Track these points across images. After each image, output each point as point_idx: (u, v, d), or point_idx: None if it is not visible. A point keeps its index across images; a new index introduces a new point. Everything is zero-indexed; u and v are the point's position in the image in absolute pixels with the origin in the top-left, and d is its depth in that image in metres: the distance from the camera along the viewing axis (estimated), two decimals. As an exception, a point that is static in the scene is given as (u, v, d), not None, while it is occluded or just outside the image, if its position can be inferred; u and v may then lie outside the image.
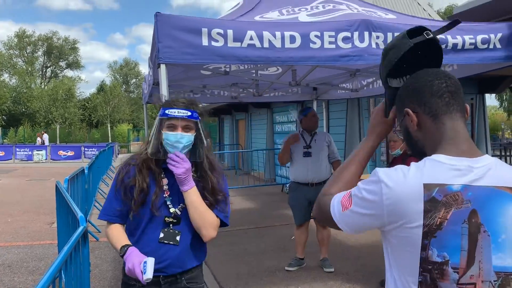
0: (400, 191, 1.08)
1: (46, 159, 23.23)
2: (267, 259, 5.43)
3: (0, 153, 22.82)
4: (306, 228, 5.00)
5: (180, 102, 1.99)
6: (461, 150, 1.13)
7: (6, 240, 6.57)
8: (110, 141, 35.60)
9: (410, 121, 1.20)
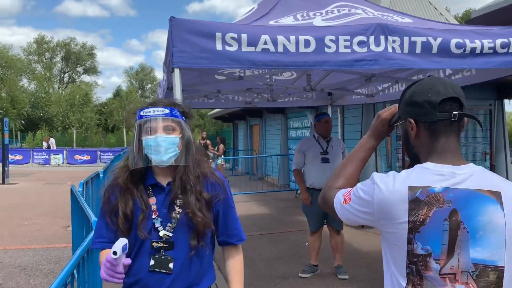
0: (389, 192, 1.24)
1: (63, 163, 23.54)
2: (280, 265, 5.39)
3: (18, 157, 23.15)
4: (320, 235, 4.94)
5: (159, 102, 1.75)
6: (449, 161, 1.27)
7: (23, 243, 6.64)
8: (125, 145, 35.97)
9: (410, 128, 1.33)
